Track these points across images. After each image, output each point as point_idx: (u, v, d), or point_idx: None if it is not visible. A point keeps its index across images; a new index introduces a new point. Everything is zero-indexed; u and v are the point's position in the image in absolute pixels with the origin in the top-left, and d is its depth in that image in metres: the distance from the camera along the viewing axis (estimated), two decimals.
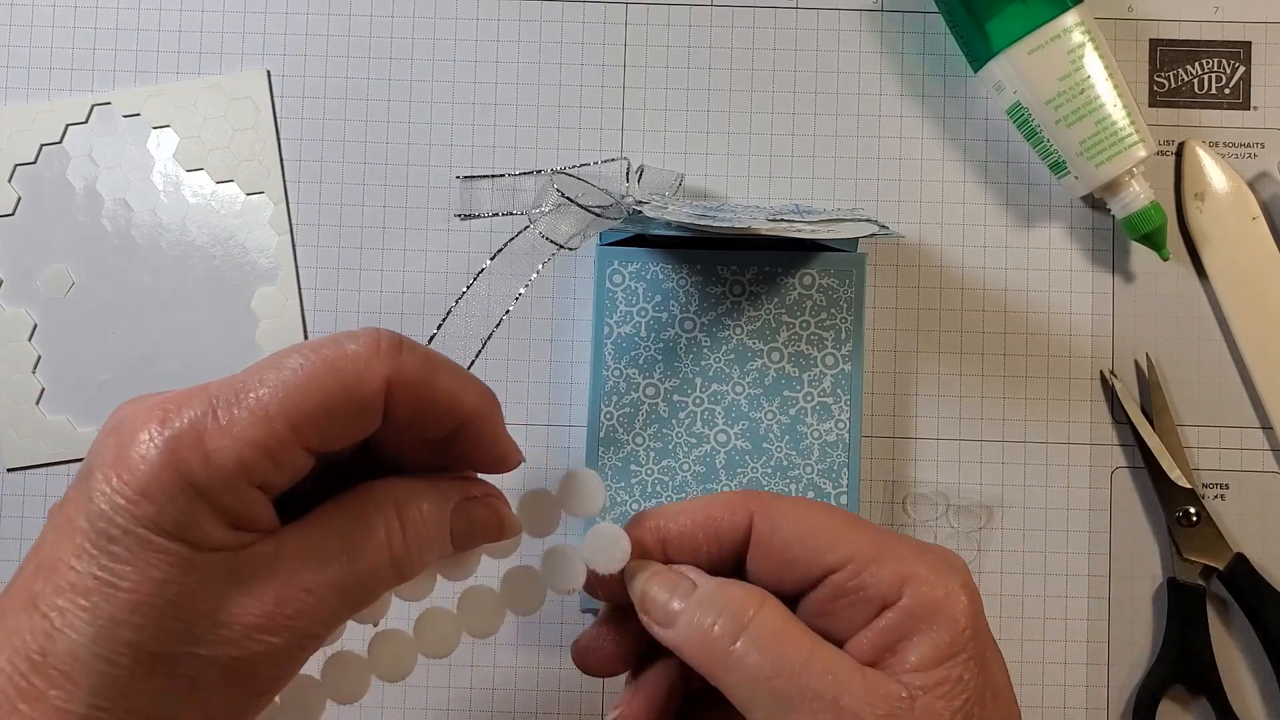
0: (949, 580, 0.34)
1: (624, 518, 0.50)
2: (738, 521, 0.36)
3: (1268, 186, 0.53)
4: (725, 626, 0.34)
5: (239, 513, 0.31)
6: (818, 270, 0.51)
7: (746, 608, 0.34)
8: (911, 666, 0.33)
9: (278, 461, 0.31)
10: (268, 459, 0.31)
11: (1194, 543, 0.52)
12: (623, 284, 0.51)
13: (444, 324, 0.45)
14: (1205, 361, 0.53)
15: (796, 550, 0.35)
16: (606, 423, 0.51)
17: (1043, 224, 0.54)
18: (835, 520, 0.35)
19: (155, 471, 0.30)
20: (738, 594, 0.35)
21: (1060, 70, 0.50)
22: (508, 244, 0.46)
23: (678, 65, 0.54)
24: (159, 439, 0.31)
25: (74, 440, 0.53)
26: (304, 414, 0.31)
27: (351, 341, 0.33)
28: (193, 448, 0.31)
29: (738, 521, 0.36)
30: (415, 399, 0.33)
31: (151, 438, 0.31)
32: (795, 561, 0.35)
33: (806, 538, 0.35)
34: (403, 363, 0.33)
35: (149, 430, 0.31)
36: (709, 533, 0.36)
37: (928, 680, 0.33)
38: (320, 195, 0.54)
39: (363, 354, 0.33)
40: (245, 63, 0.54)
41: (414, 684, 0.53)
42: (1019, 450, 0.53)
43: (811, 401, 0.51)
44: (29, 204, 0.54)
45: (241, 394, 0.31)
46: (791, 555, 0.35)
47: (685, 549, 0.36)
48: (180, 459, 0.30)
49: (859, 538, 0.35)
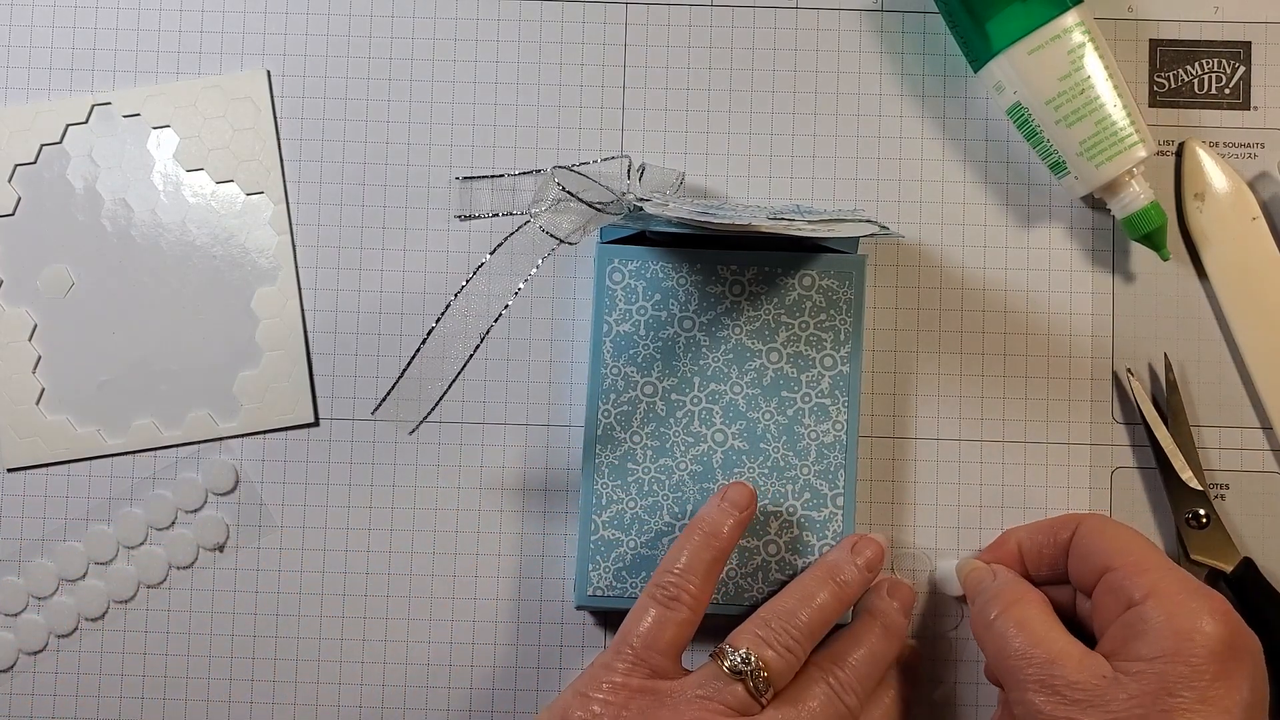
0: (1192, 603, 0.43)
1: (620, 516, 0.50)
2: (1067, 533, 0.48)
3: (1268, 186, 0.53)
4: (994, 605, 0.47)
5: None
6: (818, 271, 0.51)
7: (1009, 594, 0.47)
8: (1129, 656, 0.43)
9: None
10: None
11: (1203, 545, 0.51)
12: (623, 282, 0.51)
13: (442, 319, 0.45)
14: (1205, 361, 0.53)
15: (1093, 553, 0.47)
16: (604, 420, 0.51)
17: (1043, 224, 0.54)
18: (1127, 537, 0.47)
19: None
20: (1009, 586, 0.48)
21: (1060, 70, 0.50)
22: (507, 239, 0.46)
23: (678, 65, 0.54)
24: None
25: (74, 440, 0.53)
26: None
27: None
28: None
29: (1067, 533, 0.48)
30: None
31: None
32: (1090, 560, 0.47)
33: (1103, 544, 0.46)
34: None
35: None
36: (1049, 539, 0.49)
37: (1132, 669, 0.42)
38: (320, 195, 0.54)
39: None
40: (245, 63, 0.54)
41: (413, 684, 0.53)
42: (1019, 450, 0.53)
43: (809, 402, 0.51)
44: (29, 204, 0.54)
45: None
46: (1089, 556, 0.47)
47: (1033, 550, 0.50)
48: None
49: (1138, 553, 0.45)
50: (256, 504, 0.53)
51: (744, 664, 0.45)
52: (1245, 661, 0.43)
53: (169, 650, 0.53)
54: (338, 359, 0.54)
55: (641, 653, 0.45)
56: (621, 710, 0.44)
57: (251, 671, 0.53)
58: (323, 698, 0.53)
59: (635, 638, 0.46)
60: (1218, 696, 0.41)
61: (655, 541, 0.50)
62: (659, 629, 0.46)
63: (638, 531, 0.50)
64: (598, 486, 0.51)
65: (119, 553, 0.53)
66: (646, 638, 0.46)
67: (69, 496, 0.53)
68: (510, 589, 0.53)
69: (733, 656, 0.45)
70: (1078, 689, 0.43)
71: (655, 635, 0.46)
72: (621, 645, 0.46)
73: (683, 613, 0.46)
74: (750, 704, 0.44)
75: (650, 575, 0.49)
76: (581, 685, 0.45)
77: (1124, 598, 0.44)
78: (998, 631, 0.46)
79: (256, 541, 0.53)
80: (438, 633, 0.53)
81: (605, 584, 0.50)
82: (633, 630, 0.46)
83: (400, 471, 0.53)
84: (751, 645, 0.45)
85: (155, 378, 0.53)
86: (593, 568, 0.50)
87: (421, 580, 0.53)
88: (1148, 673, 0.42)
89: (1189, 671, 0.42)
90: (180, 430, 0.53)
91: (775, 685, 0.45)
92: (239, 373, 0.53)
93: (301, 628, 0.53)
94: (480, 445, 0.53)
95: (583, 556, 0.50)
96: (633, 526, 0.50)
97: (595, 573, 0.50)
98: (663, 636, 0.46)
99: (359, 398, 0.53)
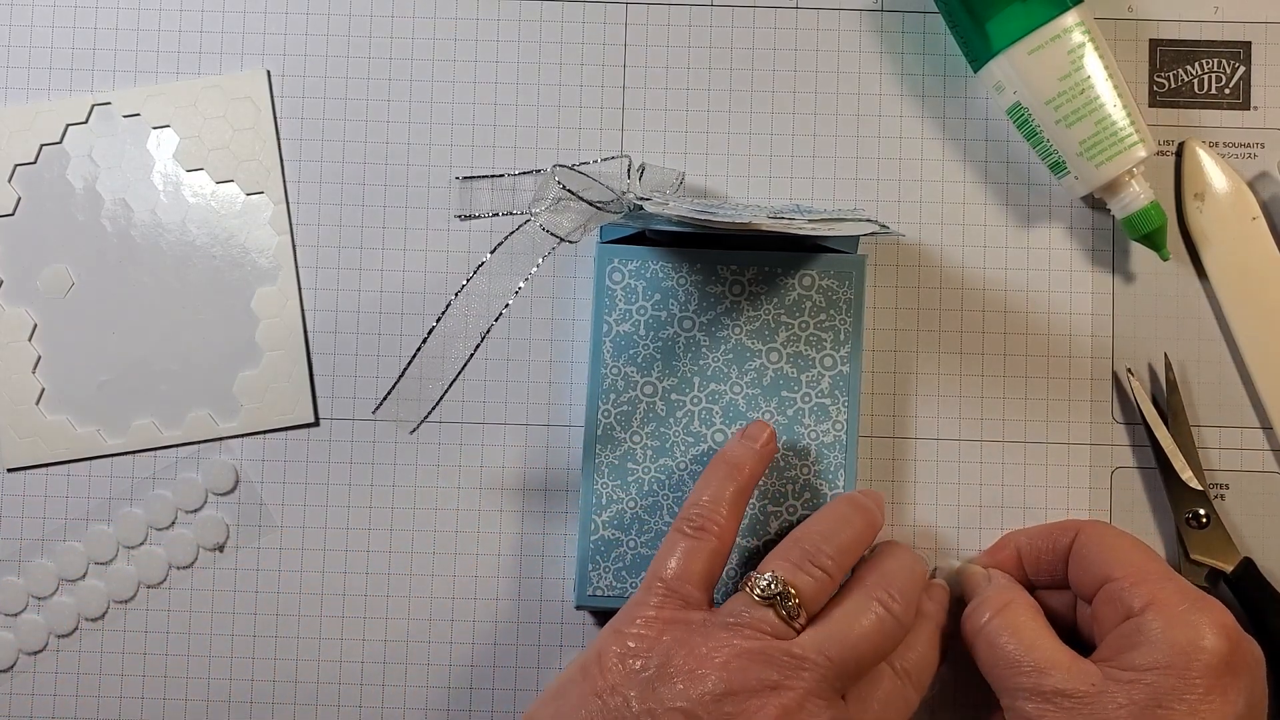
0: (1192, 615, 0.43)
1: (620, 516, 0.50)
2: (1068, 540, 0.48)
3: (1268, 186, 0.53)
4: (984, 609, 0.47)
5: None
6: (818, 271, 0.51)
7: (1000, 599, 0.47)
8: (1123, 665, 0.43)
9: None
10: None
11: (1202, 545, 0.51)
12: (623, 282, 0.51)
13: (442, 319, 0.45)
14: (1205, 361, 0.53)
15: (1093, 561, 0.47)
16: (604, 420, 0.51)
17: (1043, 224, 0.54)
18: (1128, 546, 0.47)
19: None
20: (1003, 591, 0.48)
21: (1060, 70, 0.50)
22: (508, 238, 0.45)
23: (678, 65, 0.54)
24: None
25: (74, 440, 0.53)
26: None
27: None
28: None
29: (1068, 540, 0.48)
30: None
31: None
32: (1090, 568, 0.47)
33: (1103, 553, 0.47)
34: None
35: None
36: (1048, 544, 0.49)
37: (1125, 678, 0.43)
38: (320, 195, 0.54)
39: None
40: (245, 63, 0.54)
41: (413, 684, 0.53)
42: (1019, 450, 0.53)
43: (809, 402, 0.51)
44: (29, 204, 0.54)
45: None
46: (1089, 564, 0.47)
47: (1031, 555, 0.50)
48: None
49: (1139, 562, 0.46)
50: (256, 504, 0.53)
51: (773, 588, 0.44)
52: (1242, 676, 0.43)
53: (169, 650, 0.53)
54: (338, 359, 0.54)
55: (673, 584, 0.45)
56: (655, 643, 0.44)
57: (251, 671, 0.53)
58: (323, 698, 0.53)
59: (666, 570, 0.45)
60: (1210, 710, 0.42)
61: (655, 541, 0.50)
62: (689, 560, 0.45)
63: (638, 531, 0.50)
64: (598, 486, 0.51)
65: (119, 553, 0.53)
66: (677, 570, 0.45)
67: (69, 496, 0.53)
68: (510, 589, 0.53)
69: (761, 583, 0.44)
70: (1067, 697, 0.43)
71: (686, 567, 0.45)
72: (652, 580, 0.46)
73: (711, 542, 0.46)
74: (783, 628, 0.44)
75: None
76: (616, 624, 0.45)
77: (1123, 608, 0.45)
78: (988, 637, 0.46)
79: (256, 541, 0.53)
80: (438, 632, 0.53)
81: (605, 584, 0.50)
82: (663, 565, 0.46)
83: (400, 471, 0.53)
84: (780, 570, 0.45)
85: (155, 378, 0.53)
86: (593, 568, 0.50)
87: (421, 580, 0.53)
88: (1140, 683, 0.42)
89: (1182, 685, 0.42)
90: (180, 430, 0.53)
91: (807, 609, 0.44)
92: (239, 373, 0.53)
93: (301, 628, 0.53)
94: (480, 445, 0.53)
95: (583, 556, 0.50)
96: (633, 526, 0.50)
97: (595, 573, 0.50)
98: (693, 567, 0.45)
99: (359, 398, 0.53)
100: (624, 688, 0.43)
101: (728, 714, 0.42)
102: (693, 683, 0.42)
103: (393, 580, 0.53)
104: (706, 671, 0.42)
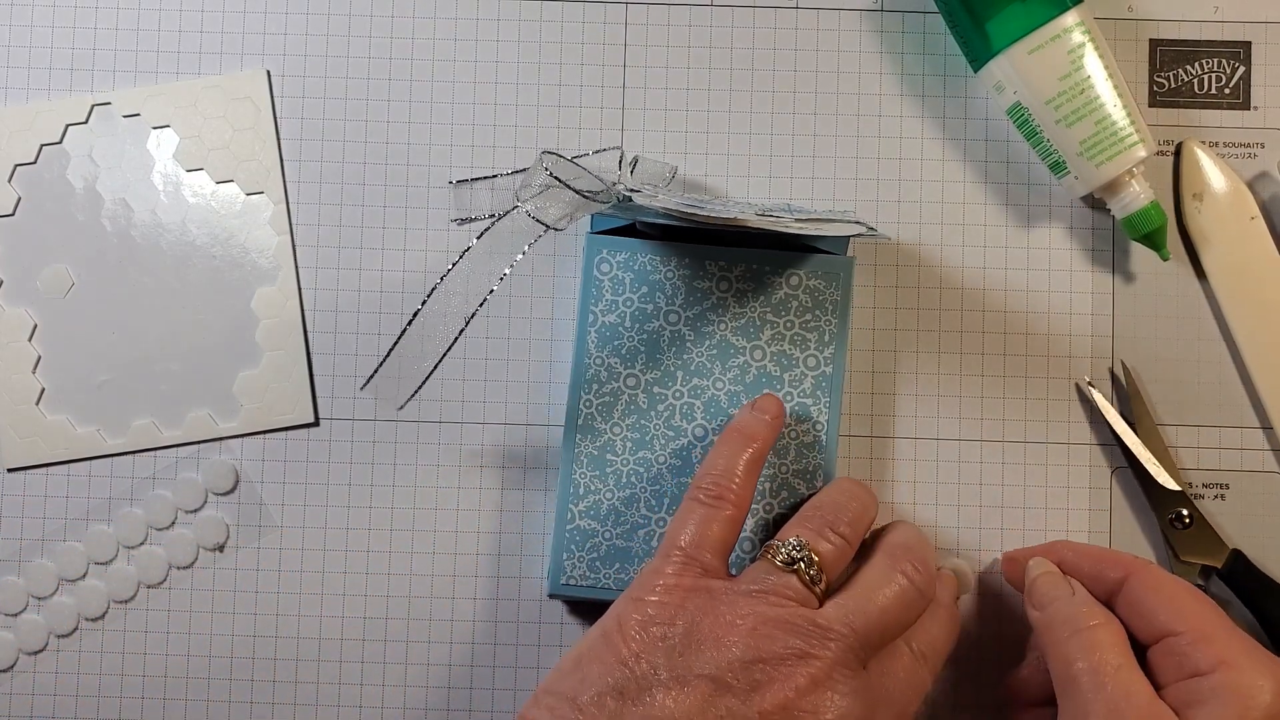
0: (1261, 678, 0.43)
1: (597, 506, 0.50)
2: (1117, 576, 0.47)
3: (1267, 186, 0.53)
4: (1073, 624, 0.45)
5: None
6: (805, 271, 0.51)
7: (1092, 618, 0.45)
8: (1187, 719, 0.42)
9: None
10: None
11: (1189, 545, 0.52)
12: (610, 273, 0.51)
13: (426, 303, 0.45)
14: (1205, 361, 0.53)
15: (1153, 610, 0.45)
16: (585, 410, 0.51)
17: (1043, 224, 0.54)
18: (1185, 596, 0.46)
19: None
20: (1093, 608, 0.46)
21: (1060, 70, 0.50)
22: (494, 224, 0.45)
23: (678, 65, 0.54)
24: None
25: (74, 440, 0.53)
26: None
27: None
28: None
29: (1117, 576, 0.47)
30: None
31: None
32: (1149, 618, 0.45)
33: (1161, 603, 0.45)
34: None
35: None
36: (1094, 572, 0.48)
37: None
38: (320, 195, 0.54)
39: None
40: (245, 63, 0.54)
41: (413, 683, 0.53)
42: (1019, 450, 0.53)
43: (791, 401, 0.51)
44: (29, 204, 0.54)
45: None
46: (1148, 613, 0.46)
47: (1075, 574, 0.49)
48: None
49: (1207, 619, 0.45)
50: (256, 504, 0.53)
51: (797, 552, 0.44)
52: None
53: (169, 650, 0.53)
54: (338, 359, 0.54)
55: (691, 551, 0.45)
56: (679, 610, 0.43)
57: (251, 671, 0.53)
58: (323, 698, 0.53)
59: (682, 538, 0.45)
60: None
61: (631, 534, 0.50)
62: (705, 527, 0.45)
63: (614, 523, 0.50)
64: (576, 476, 0.50)
65: (119, 553, 0.53)
66: (694, 537, 0.45)
67: (69, 496, 0.53)
68: (511, 589, 0.53)
69: (783, 549, 0.44)
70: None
71: (702, 533, 0.45)
72: (669, 548, 0.45)
73: (727, 510, 0.45)
74: (806, 594, 0.44)
75: (624, 567, 0.50)
76: (632, 592, 0.45)
77: (1189, 665, 0.44)
78: (1072, 651, 0.45)
79: (256, 541, 0.53)
80: (438, 632, 0.53)
81: (579, 574, 0.50)
82: (679, 532, 0.45)
83: (400, 471, 0.53)
84: (800, 535, 0.45)
85: (155, 378, 0.53)
86: (567, 557, 0.50)
87: (421, 580, 0.53)
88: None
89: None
90: (180, 430, 0.53)
91: (828, 575, 0.44)
92: (239, 373, 0.53)
93: (301, 628, 0.53)
94: (480, 445, 0.53)
95: (558, 545, 0.50)
96: (609, 518, 0.50)
97: (569, 561, 0.50)
98: (710, 534, 0.45)
99: (359, 398, 0.53)
100: (649, 655, 0.42)
101: (756, 681, 0.42)
102: (720, 650, 0.42)
103: (393, 580, 0.53)
104: (734, 639, 0.42)
